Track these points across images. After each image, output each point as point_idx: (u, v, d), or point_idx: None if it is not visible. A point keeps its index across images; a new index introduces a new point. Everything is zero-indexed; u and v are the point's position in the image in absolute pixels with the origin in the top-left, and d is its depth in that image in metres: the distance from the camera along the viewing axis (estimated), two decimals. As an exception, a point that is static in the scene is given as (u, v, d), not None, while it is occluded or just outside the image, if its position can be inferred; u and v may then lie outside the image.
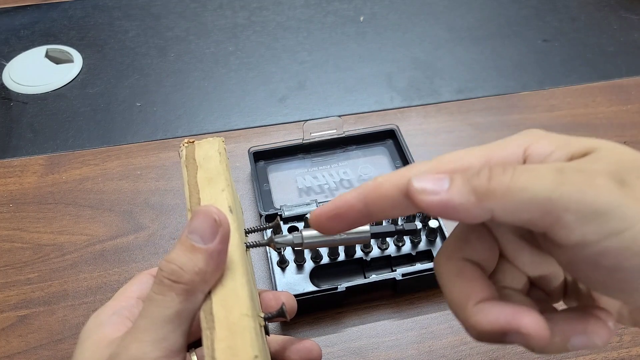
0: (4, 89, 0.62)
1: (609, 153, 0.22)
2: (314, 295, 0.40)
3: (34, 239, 0.47)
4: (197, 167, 0.32)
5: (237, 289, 0.27)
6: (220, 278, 0.27)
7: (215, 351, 0.25)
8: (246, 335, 0.25)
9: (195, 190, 0.31)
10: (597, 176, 0.21)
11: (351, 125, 0.55)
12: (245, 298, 0.26)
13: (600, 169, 0.21)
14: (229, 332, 0.25)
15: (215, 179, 0.31)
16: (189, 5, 0.72)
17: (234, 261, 0.28)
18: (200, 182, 0.31)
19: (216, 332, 0.25)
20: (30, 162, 0.53)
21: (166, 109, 0.59)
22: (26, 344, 0.41)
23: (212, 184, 0.31)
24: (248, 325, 0.26)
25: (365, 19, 0.69)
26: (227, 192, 0.30)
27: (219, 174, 0.31)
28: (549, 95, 0.59)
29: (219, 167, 0.32)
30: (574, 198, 0.20)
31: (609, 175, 0.21)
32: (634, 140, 0.54)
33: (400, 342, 0.40)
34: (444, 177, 0.23)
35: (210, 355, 0.25)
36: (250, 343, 0.25)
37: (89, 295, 0.43)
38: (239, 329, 0.25)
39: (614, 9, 0.69)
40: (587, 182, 0.21)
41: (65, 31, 0.69)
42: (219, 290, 0.27)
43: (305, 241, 0.30)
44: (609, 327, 0.23)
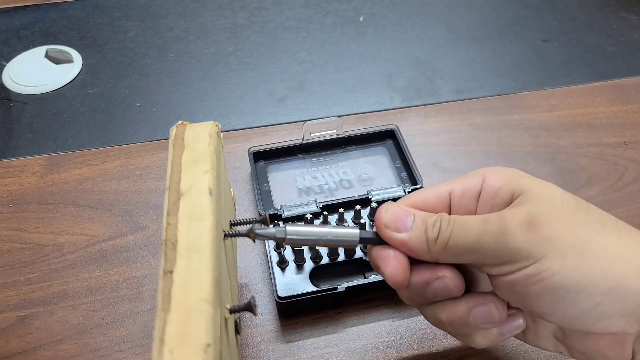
0: (3, 89, 0.62)
1: (533, 196, 0.28)
2: (313, 295, 0.40)
3: (34, 239, 0.47)
4: (184, 147, 0.31)
5: (201, 272, 0.26)
6: (186, 261, 0.26)
7: (166, 334, 0.24)
8: (201, 321, 0.24)
9: (177, 169, 0.30)
10: (511, 223, 0.27)
11: (351, 126, 0.55)
12: (208, 283, 0.25)
13: (516, 214, 0.27)
14: (184, 317, 0.24)
15: (201, 161, 0.30)
16: (189, 5, 0.72)
17: (204, 245, 0.27)
18: (184, 162, 0.31)
19: (170, 314, 0.24)
20: (30, 162, 0.53)
21: (166, 109, 0.59)
22: (26, 344, 0.41)
23: (196, 165, 0.30)
24: (205, 312, 0.24)
25: (365, 19, 0.69)
26: (210, 175, 0.30)
27: (205, 156, 0.31)
28: (549, 95, 0.59)
29: (206, 149, 0.31)
30: (492, 245, 0.27)
31: (521, 220, 0.27)
32: (634, 140, 0.54)
33: (400, 342, 0.40)
34: (408, 215, 0.30)
35: (159, 338, 0.24)
36: (204, 330, 0.24)
37: (89, 295, 0.43)
38: (194, 314, 0.24)
39: (614, 9, 0.69)
40: (502, 230, 0.27)
41: (65, 31, 0.69)
42: (182, 272, 0.26)
43: (288, 236, 0.29)
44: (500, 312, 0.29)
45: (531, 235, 0.26)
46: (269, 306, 0.42)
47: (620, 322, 0.27)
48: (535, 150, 0.53)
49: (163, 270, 0.26)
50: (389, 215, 0.30)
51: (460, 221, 0.28)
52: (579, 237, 0.27)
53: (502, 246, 0.27)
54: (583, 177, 0.51)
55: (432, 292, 0.30)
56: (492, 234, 0.27)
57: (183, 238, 0.27)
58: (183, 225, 0.28)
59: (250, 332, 0.41)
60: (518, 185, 0.29)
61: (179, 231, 0.27)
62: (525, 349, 0.39)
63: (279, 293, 0.40)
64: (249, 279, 0.44)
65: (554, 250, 0.26)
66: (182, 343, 0.23)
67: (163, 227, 0.28)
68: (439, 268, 0.29)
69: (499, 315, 0.29)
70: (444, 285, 0.29)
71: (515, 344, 0.40)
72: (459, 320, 0.30)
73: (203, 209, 0.28)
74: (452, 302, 0.30)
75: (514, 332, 0.31)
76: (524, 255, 0.26)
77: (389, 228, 0.30)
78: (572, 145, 0.54)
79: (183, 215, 0.28)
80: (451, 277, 0.29)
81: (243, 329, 0.41)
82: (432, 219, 0.29)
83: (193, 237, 0.27)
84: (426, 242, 0.29)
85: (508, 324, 0.31)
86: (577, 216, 0.28)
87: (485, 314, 0.29)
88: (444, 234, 0.28)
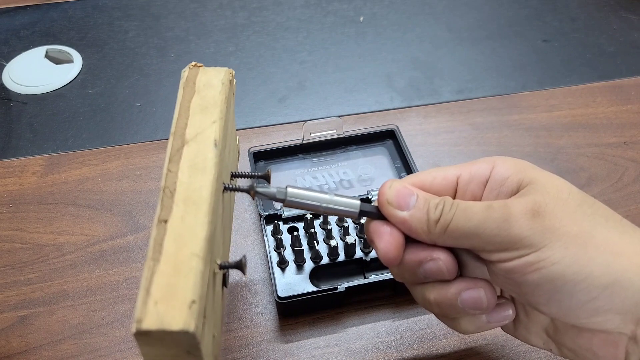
0: (3, 89, 0.62)
1: (540, 187, 0.28)
2: (313, 296, 0.40)
3: (34, 239, 0.47)
4: (194, 92, 0.30)
5: (196, 226, 0.25)
6: (182, 212, 0.26)
7: (153, 285, 0.23)
8: (190, 277, 0.24)
9: (185, 114, 0.29)
10: (515, 211, 0.27)
11: (351, 126, 0.55)
12: (202, 238, 0.25)
13: (522, 203, 0.27)
14: (173, 270, 0.24)
15: (210, 109, 0.29)
16: (189, 5, 0.72)
17: (202, 198, 0.26)
18: (192, 107, 0.29)
19: (160, 265, 0.24)
20: (30, 162, 0.53)
21: (166, 109, 0.59)
22: (26, 344, 0.41)
23: (204, 112, 0.29)
24: (195, 267, 0.24)
25: (365, 19, 0.69)
26: (217, 125, 0.28)
27: (215, 104, 0.29)
28: (549, 95, 0.59)
29: (217, 97, 0.30)
30: (494, 231, 0.27)
31: (526, 209, 0.27)
32: (634, 140, 0.54)
33: (400, 343, 0.40)
34: (412, 194, 0.29)
35: (145, 288, 0.23)
36: (192, 286, 0.23)
37: (89, 295, 0.43)
38: (184, 269, 0.24)
39: (614, 9, 0.69)
40: (506, 216, 0.27)
41: (65, 31, 0.69)
42: (177, 224, 0.25)
43: (288, 198, 0.29)
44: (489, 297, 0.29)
45: (535, 224, 0.26)
46: (269, 306, 0.42)
47: (615, 320, 0.27)
48: (535, 150, 0.53)
49: (158, 218, 0.26)
50: (393, 192, 0.29)
51: (463, 205, 0.28)
52: (583, 229, 0.27)
53: (504, 232, 0.27)
54: (583, 177, 0.51)
55: (424, 272, 0.29)
56: (495, 220, 0.27)
57: (182, 188, 0.26)
58: (184, 174, 0.27)
59: (250, 332, 0.41)
60: (526, 176, 0.29)
61: (178, 180, 0.27)
62: (525, 349, 0.39)
63: (279, 293, 0.40)
64: (249, 279, 0.44)
65: (556, 240, 0.26)
66: (167, 296, 0.23)
67: (163, 174, 0.27)
68: (434, 249, 0.29)
69: (488, 302, 0.29)
70: (437, 268, 0.29)
71: (516, 344, 0.40)
72: (447, 302, 0.30)
73: (206, 161, 0.27)
74: (443, 284, 0.30)
75: (501, 322, 0.31)
76: (525, 243, 0.26)
77: (391, 205, 0.29)
78: (572, 145, 0.54)
79: (185, 164, 0.27)
80: (445, 260, 0.29)
81: (243, 329, 0.41)
82: (435, 201, 0.29)
83: (192, 188, 0.26)
84: (427, 223, 0.28)
85: (496, 313, 0.30)
86: (582, 209, 0.28)
87: (474, 299, 0.29)
88: (446, 216, 0.28)
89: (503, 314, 0.30)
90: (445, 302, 0.30)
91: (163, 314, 0.22)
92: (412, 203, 0.29)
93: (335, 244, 0.42)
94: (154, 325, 0.22)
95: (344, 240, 0.42)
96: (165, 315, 0.22)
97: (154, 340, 0.23)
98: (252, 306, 0.42)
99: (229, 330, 0.41)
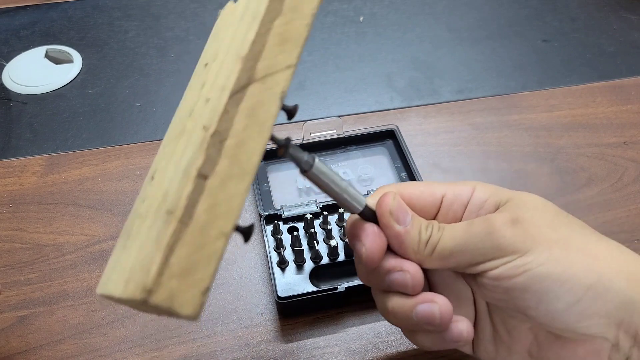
0: (3, 89, 0.62)
1: (516, 202, 0.29)
2: (313, 296, 0.40)
3: (34, 239, 0.47)
4: (280, 12, 0.23)
5: (234, 199, 0.21)
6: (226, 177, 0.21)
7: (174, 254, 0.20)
8: (212, 260, 0.21)
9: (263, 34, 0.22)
10: (496, 222, 0.28)
11: (351, 126, 0.55)
12: (235, 216, 0.21)
13: (501, 215, 0.29)
14: (199, 245, 0.20)
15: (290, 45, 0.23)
16: (189, 5, 0.72)
17: (251, 165, 0.21)
18: (273, 33, 0.22)
19: (187, 234, 0.20)
20: (30, 162, 0.53)
21: (166, 109, 0.59)
22: (26, 344, 0.41)
23: (283, 47, 0.23)
24: (219, 250, 0.21)
25: (365, 19, 0.69)
26: (290, 73, 0.23)
27: (297, 40, 0.23)
28: (549, 95, 0.59)
29: (302, 31, 0.23)
30: (479, 245, 0.28)
31: (505, 219, 0.28)
32: (634, 140, 0.54)
33: (401, 343, 0.40)
34: (408, 213, 0.30)
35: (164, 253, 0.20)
36: (211, 273, 0.21)
37: (89, 295, 0.43)
38: (209, 248, 0.21)
39: (614, 9, 0.69)
40: (489, 229, 0.28)
41: (65, 31, 0.69)
42: (217, 187, 0.21)
43: (313, 170, 0.28)
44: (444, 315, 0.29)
45: (516, 231, 0.28)
46: (269, 306, 0.42)
47: (600, 324, 0.27)
48: (535, 150, 0.53)
49: (197, 168, 0.21)
50: (396, 204, 0.30)
51: (449, 227, 0.30)
52: (562, 235, 0.28)
53: (489, 244, 0.28)
54: (583, 177, 0.51)
55: (390, 281, 0.30)
56: (478, 234, 0.28)
57: (235, 140, 0.21)
58: (240, 123, 0.21)
59: (250, 332, 0.41)
60: (502, 197, 0.30)
61: (232, 128, 0.21)
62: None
63: (279, 293, 0.40)
64: (249, 279, 0.44)
65: (539, 244, 0.27)
66: (184, 273, 0.20)
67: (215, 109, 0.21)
68: (405, 261, 0.30)
69: (441, 318, 0.29)
70: (403, 280, 0.30)
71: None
72: (403, 313, 0.30)
73: (267, 117, 0.22)
74: (404, 295, 0.30)
75: (456, 339, 0.30)
76: (510, 250, 0.28)
77: (392, 216, 0.30)
78: (572, 145, 0.54)
79: (244, 110, 0.22)
80: (414, 274, 0.30)
81: (243, 329, 0.41)
82: (425, 223, 0.30)
83: (244, 147, 0.22)
84: (418, 243, 0.30)
85: (450, 331, 0.29)
86: (558, 218, 0.29)
87: (427, 313, 0.29)
88: (434, 237, 0.29)
89: (457, 331, 0.29)
90: (401, 313, 0.30)
91: (176, 292, 0.20)
92: (408, 220, 0.30)
93: (335, 244, 0.42)
94: (164, 302, 0.20)
95: (344, 240, 0.42)
96: (178, 295, 0.20)
97: (150, 307, 0.21)
98: (252, 306, 0.42)
99: (229, 330, 0.41)
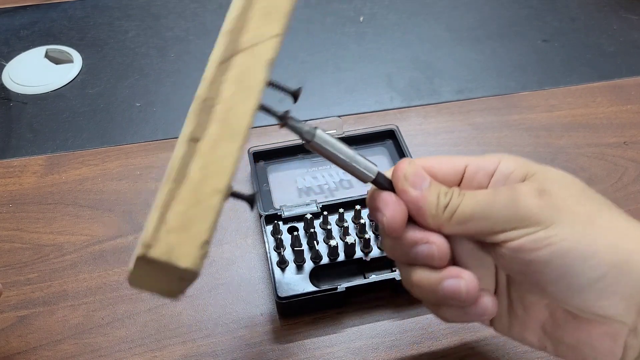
0: (3, 89, 0.62)
1: (545, 174, 0.29)
2: (313, 296, 0.40)
3: (34, 239, 0.47)
4: None
5: (225, 159, 0.23)
6: (217, 136, 0.23)
7: (170, 212, 0.22)
8: (209, 214, 0.22)
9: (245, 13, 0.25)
10: (522, 191, 0.27)
11: (351, 126, 0.55)
12: (229, 174, 0.23)
13: (528, 185, 0.28)
14: (194, 201, 0.22)
15: (273, 16, 0.25)
16: (189, 5, 0.72)
17: (241, 127, 0.23)
18: (255, 6, 0.25)
19: (181, 191, 0.22)
20: (30, 162, 0.53)
21: (166, 109, 0.59)
22: (26, 344, 0.41)
23: (267, 19, 0.25)
24: (215, 205, 0.22)
25: (365, 19, 0.69)
26: (277, 41, 0.25)
27: (280, 12, 0.26)
28: (549, 95, 0.59)
29: (286, 4, 0.26)
30: (502, 211, 0.27)
31: (532, 189, 0.27)
32: (634, 140, 0.54)
33: (400, 343, 0.40)
34: (425, 178, 0.29)
35: (161, 211, 0.22)
36: (209, 226, 0.22)
37: (89, 295, 0.43)
38: (204, 204, 0.22)
39: (614, 9, 0.69)
40: (514, 196, 0.27)
41: (65, 31, 0.69)
42: (208, 148, 0.23)
43: (315, 140, 0.28)
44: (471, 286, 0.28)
45: (542, 202, 0.27)
46: (269, 306, 0.42)
47: (620, 305, 0.26)
48: (535, 151, 0.53)
49: (189, 134, 0.23)
50: (412, 169, 0.29)
51: (471, 192, 0.29)
52: (588, 210, 0.27)
53: (513, 211, 0.27)
54: (583, 177, 0.50)
55: (416, 254, 0.29)
56: (502, 200, 0.27)
57: (223, 106, 0.23)
58: (228, 90, 0.24)
59: (250, 332, 0.41)
60: (530, 169, 0.29)
61: (220, 94, 0.24)
62: (525, 349, 0.39)
63: (279, 293, 0.40)
64: (249, 279, 0.44)
65: (564, 218, 0.26)
66: (182, 228, 0.22)
67: (205, 79, 0.24)
68: (432, 233, 0.29)
69: (467, 294, 0.28)
70: (429, 252, 0.29)
71: (516, 344, 0.39)
72: (428, 287, 0.29)
73: (255, 83, 0.24)
74: (428, 269, 0.29)
75: (480, 315, 0.30)
76: (534, 220, 0.26)
77: (407, 181, 0.29)
78: (572, 145, 0.54)
79: (232, 77, 0.24)
80: (440, 246, 0.29)
81: (243, 329, 0.41)
82: (445, 189, 0.29)
83: (233, 111, 0.24)
84: (436, 207, 0.28)
85: (475, 306, 0.29)
86: (586, 194, 0.28)
87: (453, 288, 0.28)
88: (454, 202, 0.28)
89: (482, 306, 0.29)
90: (427, 287, 0.29)
91: (174, 245, 0.21)
92: (425, 186, 0.29)
93: (335, 244, 0.42)
94: (163, 255, 0.21)
95: (344, 240, 0.42)
96: (176, 248, 0.21)
97: (153, 266, 0.22)
98: (252, 306, 0.42)
99: (229, 330, 0.41)
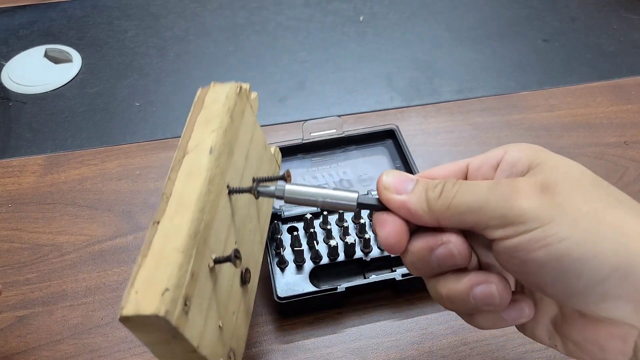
0: (2, 88, 0.62)
1: (550, 166, 0.27)
2: (313, 296, 0.40)
3: (33, 239, 0.47)
4: (201, 108, 0.33)
5: (181, 225, 0.27)
6: (173, 213, 0.28)
7: (137, 278, 0.25)
8: (168, 268, 0.26)
9: (190, 129, 0.32)
10: (522, 186, 0.26)
11: (351, 125, 0.55)
12: (184, 235, 0.27)
13: (529, 180, 0.26)
14: (155, 263, 0.26)
15: (212, 121, 0.32)
16: (189, 5, 0.72)
17: (191, 200, 0.28)
18: (198, 122, 0.32)
19: (146, 260, 0.26)
20: (29, 162, 0.53)
21: (165, 109, 0.59)
22: (25, 344, 0.41)
23: (206, 125, 0.32)
24: (174, 260, 0.26)
25: (365, 19, 0.69)
26: (216, 134, 0.31)
27: (217, 116, 0.32)
28: (549, 95, 0.59)
29: (220, 109, 0.32)
30: (499, 205, 0.26)
31: (534, 184, 0.26)
32: (634, 140, 0.54)
33: (400, 343, 0.40)
34: (410, 180, 0.29)
35: (131, 281, 0.25)
36: (167, 276, 0.25)
37: (88, 295, 0.43)
38: (164, 262, 0.26)
39: (614, 9, 0.69)
40: (513, 190, 0.26)
41: (65, 31, 0.69)
42: (167, 223, 0.27)
43: (286, 195, 0.30)
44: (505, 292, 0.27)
45: (543, 199, 0.25)
46: (269, 306, 0.42)
47: (626, 309, 0.25)
48: (536, 150, 0.53)
49: (153, 220, 0.28)
50: (390, 178, 0.29)
51: (467, 183, 0.27)
52: (594, 208, 0.25)
53: (509, 205, 0.25)
54: (583, 177, 0.51)
55: (436, 259, 0.28)
56: (500, 193, 0.26)
57: (177, 193, 0.29)
58: (180, 181, 0.29)
59: (250, 332, 0.41)
60: (537, 157, 0.28)
61: (175, 186, 0.29)
62: (525, 349, 0.39)
63: (278, 293, 0.40)
64: (248, 279, 0.44)
65: (565, 216, 0.25)
66: (146, 286, 0.25)
67: (164, 183, 0.30)
68: (443, 234, 0.28)
69: (500, 298, 0.27)
70: (448, 252, 0.28)
71: (516, 345, 0.39)
72: (458, 297, 0.28)
73: (200, 167, 0.29)
74: (454, 278, 0.28)
75: (517, 319, 0.29)
76: (531, 216, 0.25)
77: (388, 190, 0.29)
78: (572, 145, 0.54)
79: (183, 172, 0.30)
80: (456, 242, 0.28)
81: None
82: (434, 182, 0.28)
83: (185, 192, 0.29)
84: (426, 202, 0.28)
85: (511, 310, 0.28)
86: (594, 189, 0.26)
87: (485, 294, 0.27)
88: (448, 193, 0.27)
89: (519, 311, 0.28)
90: (457, 297, 0.28)
91: (140, 301, 0.25)
92: (410, 188, 0.29)
93: (335, 244, 0.42)
94: (132, 311, 0.24)
95: (344, 240, 0.42)
96: (141, 302, 0.25)
97: (138, 326, 0.25)
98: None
99: (229, 331, 0.41)
